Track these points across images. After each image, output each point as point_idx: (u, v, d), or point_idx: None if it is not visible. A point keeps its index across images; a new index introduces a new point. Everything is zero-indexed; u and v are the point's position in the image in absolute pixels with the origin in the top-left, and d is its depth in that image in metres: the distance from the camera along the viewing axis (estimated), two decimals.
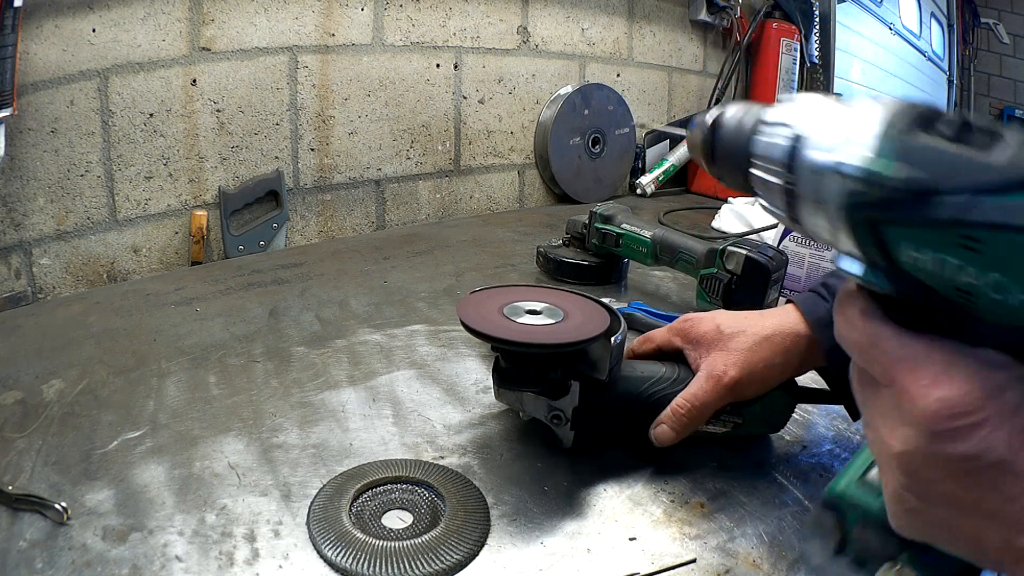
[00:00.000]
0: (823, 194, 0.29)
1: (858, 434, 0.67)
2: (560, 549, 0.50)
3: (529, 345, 0.55)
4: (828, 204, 0.29)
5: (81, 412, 0.64)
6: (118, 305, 0.89)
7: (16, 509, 0.50)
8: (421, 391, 0.71)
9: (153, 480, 0.55)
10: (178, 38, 1.06)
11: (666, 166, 1.70)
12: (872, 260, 0.30)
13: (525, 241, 1.24)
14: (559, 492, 0.56)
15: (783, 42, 1.87)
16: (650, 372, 0.61)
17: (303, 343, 0.80)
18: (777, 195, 0.32)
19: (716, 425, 0.62)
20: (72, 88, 0.98)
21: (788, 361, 0.59)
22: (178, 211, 1.12)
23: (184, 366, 0.74)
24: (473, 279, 1.04)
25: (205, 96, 1.11)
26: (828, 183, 0.29)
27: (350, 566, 0.47)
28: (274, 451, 0.60)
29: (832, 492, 0.39)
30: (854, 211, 0.28)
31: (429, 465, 0.58)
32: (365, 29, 1.26)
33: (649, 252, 0.98)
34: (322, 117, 1.25)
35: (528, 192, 1.60)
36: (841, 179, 0.28)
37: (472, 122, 1.46)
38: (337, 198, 1.31)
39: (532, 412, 0.59)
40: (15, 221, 0.96)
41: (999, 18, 3.06)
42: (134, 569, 0.46)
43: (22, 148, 0.94)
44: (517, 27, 1.48)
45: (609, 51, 1.66)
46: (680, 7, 1.79)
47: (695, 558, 0.50)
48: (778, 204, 0.33)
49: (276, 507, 0.53)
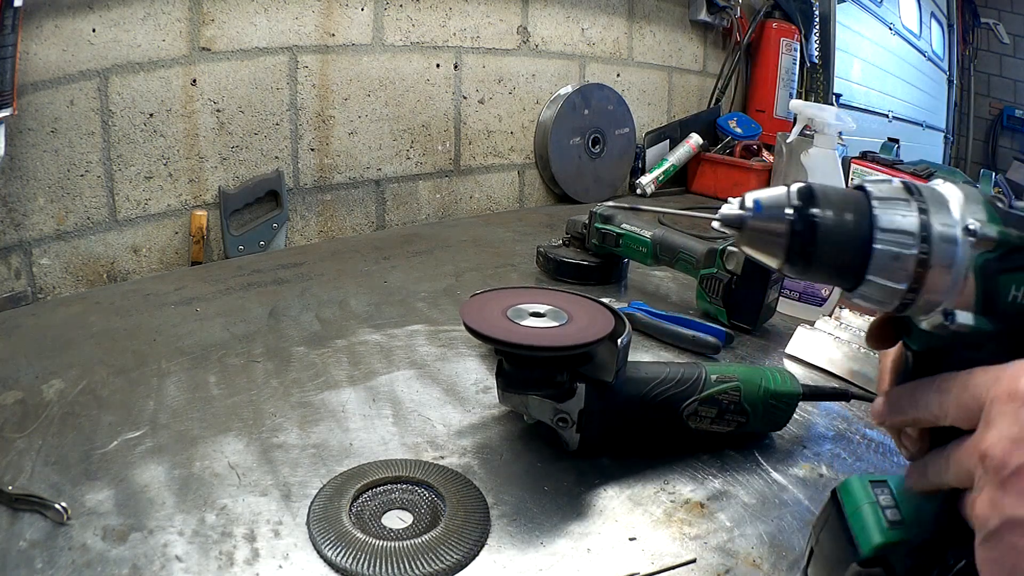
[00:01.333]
0: (954, 257, 0.34)
1: (858, 434, 0.67)
2: (560, 549, 0.50)
3: (536, 348, 0.55)
4: (959, 265, 0.34)
5: (81, 412, 0.64)
6: (118, 305, 0.89)
7: (16, 509, 0.50)
8: (421, 391, 0.71)
9: (153, 480, 0.55)
10: (178, 38, 1.06)
11: (666, 166, 1.70)
12: (979, 308, 0.35)
13: (525, 241, 1.24)
14: (559, 492, 0.56)
15: (783, 42, 1.87)
16: (655, 373, 0.61)
17: (303, 343, 0.80)
18: (904, 268, 0.35)
19: (720, 424, 0.62)
20: (72, 88, 0.98)
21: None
22: (178, 211, 1.12)
23: (184, 366, 0.74)
24: (473, 279, 1.04)
25: (205, 96, 1.11)
26: (961, 247, 0.34)
27: (350, 566, 0.47)
28: (274, 451, 0.60)
29: (869, 549, 0.39)
30: (985, 266, 0.34)
31: (429, 465, 0.58)
32: (365, 29, 1.26)
33: (649, 252, 0.98)
34: (322, 117, 1.25)
35: (528, 192, 1.60)
36: (974, 241, 0.34)
37: (472, 122, 1.46)
38: (337, 198, 1.31)
39: (537, 415, 0.59)
40: (15, 221, 0.96)
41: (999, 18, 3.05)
42: (134, 569, 0.46)
43: (22, 148, 0.94)
44: (517, 27, 1.48)
45: (609, 51, 1.66)
46: (680, 7, 1.79)
47: (695, 558, 0.50)
48: (901, 279, 0.35)
49: (276, 507, 0.53)
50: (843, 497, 0.42)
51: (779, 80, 1.88)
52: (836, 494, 0.43)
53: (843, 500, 0.42)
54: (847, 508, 0.41)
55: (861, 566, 0.39)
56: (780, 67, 1.88)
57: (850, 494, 0.42)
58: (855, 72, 2.34)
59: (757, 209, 0.37)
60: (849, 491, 0.42)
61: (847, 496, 0.42)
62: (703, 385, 0.61)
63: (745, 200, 0.37)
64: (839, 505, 0.42)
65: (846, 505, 0.42)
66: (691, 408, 0.61)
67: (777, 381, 0.63)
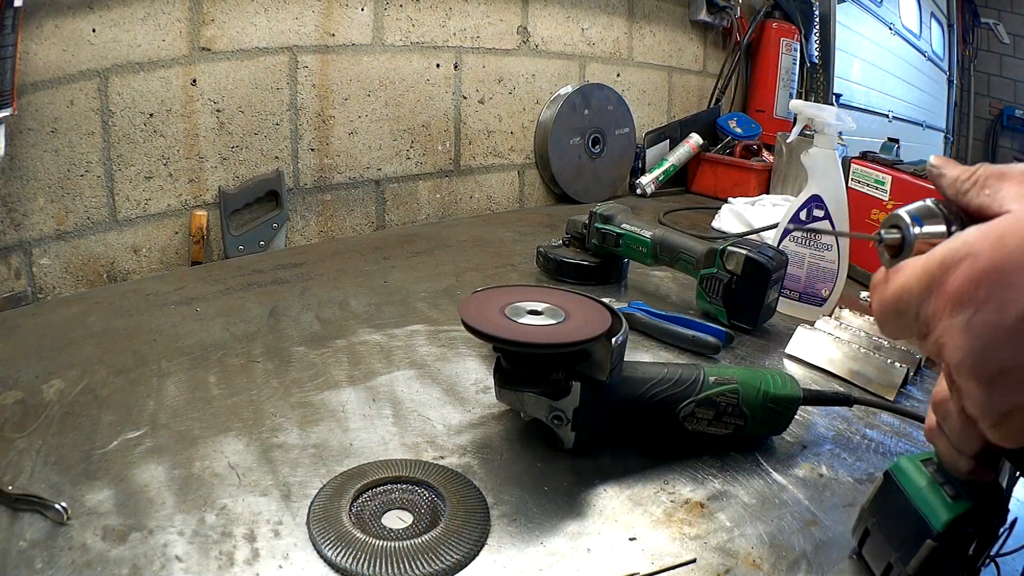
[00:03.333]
0: None
1: (858, 434, 0.67)
2: (560, 549, 0.50)
3: (531, 345, 0.55)
4: None
5: (81, 412, 0.64)
6: (118, 305, 0.89)
7: (16, 509, 0.50)
8: (421, 391, 0.71)
9: (153, 480, 0.55)
10: (178, 38, 1.06)
11: (666, 166, 1.70)
12: None
13: (525, 241, 1.24)
14: (559, 492, 0.56)
15: (783, 42, 1.87)
16: (652, 373, 0.61)
17: (303, 343, 0.80)
18: None
19: (718, 427, 0.62)
20: (72, 88, 0.98)
21: None
22: (178, 211, 1.12)
23: (184, 366, 0.74)
24: (473, 279, 1.04)
25: (205, 96, 1.11)
26: None
27: (350, 566, 0.47)
28: (274, 451, 0.60)
29: (941, 525, 0.42)
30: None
31: (429, 465, 0.58)
32: (365, 29, 1.26)
33: (649, 252, 0.98)
34: (322, 117, 1.25)
35: (528, 192, 1.60)
36: None
37: (472, 122, 1.46)
38: (337, 198, 1.31)
39: (533, 413, 0.59)
40: (15, 221, 0.96)
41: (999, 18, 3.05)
42: (134, 569, 0.46)
43: (22, 148, 0.94)
44: (517, 27, 1.48)
45: (609, 51, 1.66)
46: (680, 7, 1.79)
47: (695, 558, 0.50)
48: None
49: (276, 507, 0.53)
50: (900, 478, 0.46)
51: (779, 80, 1.88)
52: (891, 475, 0.46)
53: (901, 481, 0.45)
54: (909, 489, 0.45)
55: (936, 541, 0.42)
56: (780, 67, 1.88)
57: (906, 475, 0.45)
58: (855, 72, 2.34)
59: (916, 221, 0.38)
60: (904, 472, 0.46)
61: (904, 477, 0.45)
62: (701, 387, 0.61)
63: (900, 214, 0.38)
64: (898, 486, 0.46)
65: (907, 486, 0.45)
66: (688, 409, 0.61)
67: (777, 384, 0.63)
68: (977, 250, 0.32)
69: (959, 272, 0.32)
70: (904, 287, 0.35)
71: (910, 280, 0.34)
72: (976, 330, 0.31)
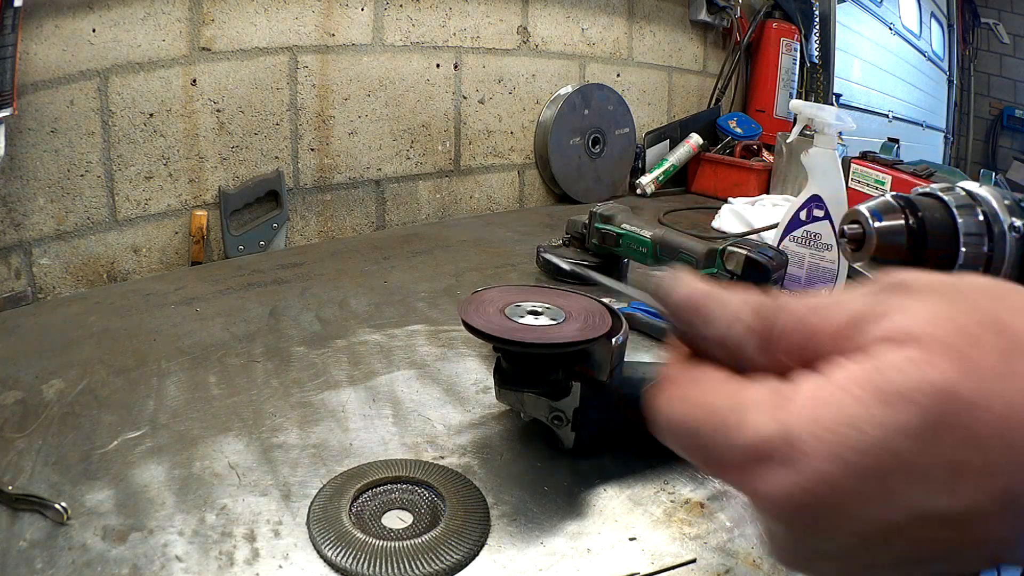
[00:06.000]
0: (1006, 252, 0.42)
1: None
2: (560, 549, 0.50)
3: (530, 345, 0.55)
4: (1009, 257, 0.41)
5: (81, 412, 0.64)
6: (118, 305, 0.89)
7: (16, 509, 0.50)
8: (421, 391, 0.71)
9: (153, 480, 0.55)
10: (178, 38, 1.06)
11: (666, 166, 1.70)
12: None
13: (525, 241, 1.24)
14: (559, 492, 0.56)
15: (783, 42, 1.87)
16: (652, 374, 0.61)
17: (303, 343, 0.80)
18: (978, 265, 0.42)
19: None
20: (72, 88, 0.98)
21: None
22: (178, 211, 1.12)
23: (184, 366, 0.74)
24: (473, 279, 1.04)
25: (205, 96, 1.11)
26: (1008, 243, 0.42)
27: (350, 566, 0.47)
28: (274, 451, 0.60)
29: None
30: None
31: (429, 465, 0.58)
32: (365, 29, 1.26)
33: (649, 252, 0.98)
34: (322, 117, 1.25)
35: (528, 192, 1.60)
36: (1017, 237, 0.42)
37: (472, 122, 1.46)
38: (337, 198, 1.31)
39: (533, 413, 0.59)
40: (15, 221, 0.96)
41: (999, 18, 3.05)
42: (134, 569, 0.46)
43: (22, 148, 0.94)
44: (517, 27, 1.48)
45: (609, 51, 1.66)
46: (680, 7, 1.79)
47: (695, 558, 0.50)
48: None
49: (276, 507, 0.53)
50: None
51: (779, 80, 1.88)
52: None
53: None
54: None
55: None
56: (780, 67, 1.87)
57: None
58: (855, 72, 2.34)
59: (872, 225, 0.43)
60: None
61: None
62: None
63: (860, 210, 0.43)
64: None
65: None
66: None
67: None
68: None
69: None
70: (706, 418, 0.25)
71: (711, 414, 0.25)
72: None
